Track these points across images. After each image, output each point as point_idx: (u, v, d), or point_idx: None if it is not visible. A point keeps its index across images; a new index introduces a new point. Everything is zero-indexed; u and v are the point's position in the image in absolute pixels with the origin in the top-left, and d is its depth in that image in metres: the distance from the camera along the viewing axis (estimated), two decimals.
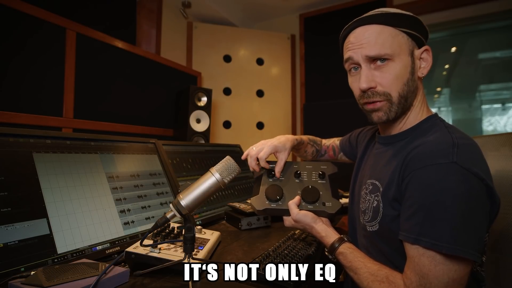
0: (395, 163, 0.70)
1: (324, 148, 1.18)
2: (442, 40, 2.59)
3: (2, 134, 0.78)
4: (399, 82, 0.69)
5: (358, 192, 0.86)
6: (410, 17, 0.71)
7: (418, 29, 0.71)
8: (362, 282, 0.65)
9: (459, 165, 0.58)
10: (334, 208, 0.80)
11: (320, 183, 0.87)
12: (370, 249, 0.77)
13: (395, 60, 0.69)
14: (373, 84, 0.70)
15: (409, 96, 0.71)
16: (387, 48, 0.68)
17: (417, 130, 0.73)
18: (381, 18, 0.70)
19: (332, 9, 2.73)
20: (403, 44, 0.70)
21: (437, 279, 0.56)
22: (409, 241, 0.60)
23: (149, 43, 2.32)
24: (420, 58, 0.72)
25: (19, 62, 1.31)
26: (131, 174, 1.06)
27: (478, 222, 0.58)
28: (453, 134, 0.64)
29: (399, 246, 0.65)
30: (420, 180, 0.61)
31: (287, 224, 0.82)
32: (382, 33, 0.69)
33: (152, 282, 0.70)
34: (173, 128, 2.16)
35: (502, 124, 2.32)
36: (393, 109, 0.71)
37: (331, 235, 0.75)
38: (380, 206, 0.71)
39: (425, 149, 0.63)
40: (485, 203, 0.60)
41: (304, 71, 2.86)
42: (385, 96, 0.70)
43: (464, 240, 0.55)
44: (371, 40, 0.69)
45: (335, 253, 0.72)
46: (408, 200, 0.63)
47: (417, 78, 0.73)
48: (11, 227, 0.70)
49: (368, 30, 0.70)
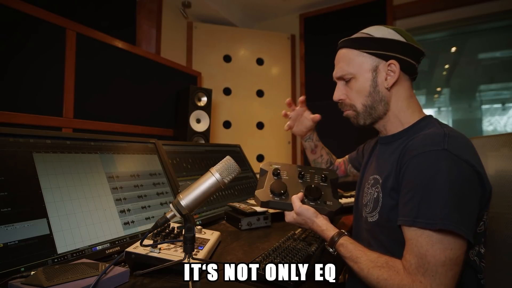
0: (394, 156, 0.76)
1: (337, 164, 1.28)
2: (442, 40, 2.59)
3: (2, 134, 0.78)
4: (361, 95, 0.84)
5: (362, 191, 0.91)
6: (376, 39, 0.81)
7: (384, 48, 0.80)
8: (362, 269, 0.67)
9: (449, 152, 0.63)
10: (334, 207, 0.84)
11: (322, 185, 0.91)
12: (371, 241, 0.81)
13: (357, 77, 0.83)
14: (342, 97, 0.88)
15: (375, 105, 0.83)
16: (350, 68, 0.83)
17: (412, 129, 0.81)
18: (348, 43, 0.85)
19: (332, 9, 2.73)
20: (364, 63, 0.82)
21: (435, 259, 0.59)
22: (406, 224, 0.65)
23: (149, 43, 2.32)
24: (388, 71, 0.81)
25: (19, 62, 1.31)
26: (131, 174, 1.06)
27: (469, 204, 0.63)
28: (445, 128, 0.72)
29: (398, 235, 0.69)
30: (414, 165, 0.67)
31: (288, 219, 0.84)
32: (346, 56, 0.85)
33: (152, 282, 0.70)
34: (173, 128, 2.16)
35: (502, 124, 2.32)
36: (360, 116, 0.86)
37: (331, 228, 0.79)
38: (380, 197, 0.77)
39: (420, 139, 0.70)
40: (476, 189, 0.65)
41: (304, 71, 2.86)
42: (351, 107, 0.87)
43: (456, 217, 0.59)
44: (339, 63, 0.86)
45: (335, 246, 0.75)
46: (405, 187, 0.68)
47: (383, 89, 0.82)
48: (11, 227, 0.70)
49: (340, 53, 0.87)
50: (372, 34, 0.83)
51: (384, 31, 0.82)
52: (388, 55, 0.80)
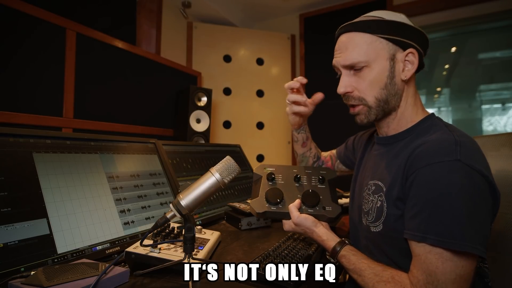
0: (398, 162, 0.70)
1: (322, 159, 1.20)
2: (442, 40, 2.59)
3: (2, 134, 0.78)
4: (374, 87, 0.73)
5: (359, 194, 0.86)
6: (391, 22, 0.71)
7: (401, 33, 0.72)
8: (367, 283, 0.65)
9: (462, 162, 0.59)
10: (334, 212, 0.80)
11: (320, 187, 0.87)
12: (373, 251, 0.76)
13: (371, 66, 0.72)
14: (349, 89, 0.76)
15: (390, 99, 0.74)
16: (362, 56, 0.72)
17: (416, 129, 0.75)
18: (360, 26, 0.73)
19: (332, 9, 2.73)
20: (381, 50, 0.72)
21: (445, 276, 0.57)
22: (415, 239, 0.61)
23: (149, 43, 2.32)
24: (405, 61, 0.73)
25: (20, 62, 1.31)
26: (131, 174, 1.06)
27: (482, 218, 0.59)
28: (454, 132, 0.66)
29: (403, 246, 0.65)
30: (425, 177, 0.61)
31: (287, 228, 0.81)
32: (358, 41, 0.73)
33: (152, 282, 0.70)
34: (173, 128, 2.16)
35: (502, 124, 2.32)
36: (372, 112, 0.75)
37: (332, 238, 0.75)
38: (384, 206, 0.71)
39: (429, 147, 0.64)
40: (488, 199, 0.61)
41: (304, 71, 2.86)
42: (360, 101, 0.75)
43: (471, 235, 0.56)
44: (348, 49, 0.74)
45: (337, 257, 0.72)
46: (413, 199, 0.63)
47: (399, 81, 0.74)
48: (11, 227, 0.70)
49: (347, 38, 0.75)
50: (385, 17, 0.72)
51: (396, 15, 0.73)
52: (407, 43, 0.72)
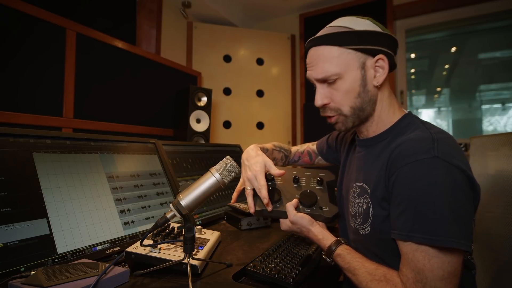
0: (380, 163, 0.72)
1: (298, 154, 1.17)
2: (442, 40, 2.59)
3: (2, 134, 0.78)
4: (349, 97, 0.75)
5: (346, 197, 0.86)
6: (357, 32, 0.73)
7: (369, 41, 0.73)
8: (361, 282, 0.66)
9: (440, 159, 0.60)
10: (331, 212, 0.80)
11: (318, 188, 0.87)
12: (364, 253, 0.76)
13: (343, 77, 0.73)
14: (326, 101, 0.77)
15: (364, 106, 0.76)
16: (333, 68, 0.73)
17: (395, 129, 0.76)
18: (328, 39, 0.74)
19: (332, 9, 2.73)
20: (350, 60, 0.73)
21: (433, 273, 0.58)
22: (401, 239, 0.62)
23: (149, 43, 2.32)
24: (375, 67, 0.74)
25: (20, 62, 1.31)
26: (131, 174, 1.06)
27: (465, 212, 0.60)
28: (431, 130, 0.68)
29: (393, 246, 0.66)
30: (405, 176, 0.63)
31: (284, 227, 0.81)
32: (327, 55, 0.74)
33: (152, 282, 0.70)
34: (173, 128, 2.16)
35: (502, 124, 2.32)
36: (349, 120, 0.77)
37: (328, 237, 0.75)
38: (370, 208, 0.73)
39: (408, 146, 0.66)
40: (469, 193, 0.62)
41: (304, 71, 2.85)
42: (336, 111, 0.77)
43: (455, 231, 0.57)
44: (319, 63, 0.75)
45: (332, 256, 0.72)
46: (396, 198, 0.65)
47: (372, 88, 0.75)
48: (11, 227, 0.70)
49: (317, 51, 0.76)
50: (351, 27, 0.74)
51: (361, 23, 0.74)
52: (375, 50, 0.73)
